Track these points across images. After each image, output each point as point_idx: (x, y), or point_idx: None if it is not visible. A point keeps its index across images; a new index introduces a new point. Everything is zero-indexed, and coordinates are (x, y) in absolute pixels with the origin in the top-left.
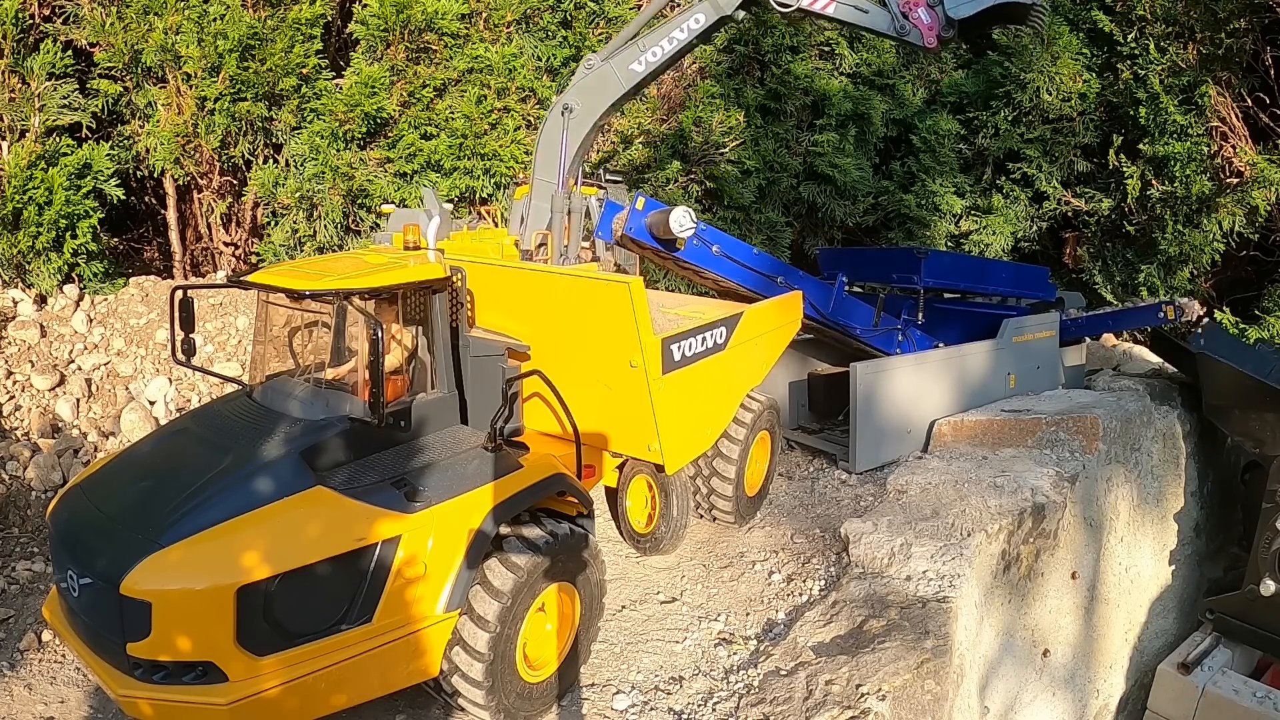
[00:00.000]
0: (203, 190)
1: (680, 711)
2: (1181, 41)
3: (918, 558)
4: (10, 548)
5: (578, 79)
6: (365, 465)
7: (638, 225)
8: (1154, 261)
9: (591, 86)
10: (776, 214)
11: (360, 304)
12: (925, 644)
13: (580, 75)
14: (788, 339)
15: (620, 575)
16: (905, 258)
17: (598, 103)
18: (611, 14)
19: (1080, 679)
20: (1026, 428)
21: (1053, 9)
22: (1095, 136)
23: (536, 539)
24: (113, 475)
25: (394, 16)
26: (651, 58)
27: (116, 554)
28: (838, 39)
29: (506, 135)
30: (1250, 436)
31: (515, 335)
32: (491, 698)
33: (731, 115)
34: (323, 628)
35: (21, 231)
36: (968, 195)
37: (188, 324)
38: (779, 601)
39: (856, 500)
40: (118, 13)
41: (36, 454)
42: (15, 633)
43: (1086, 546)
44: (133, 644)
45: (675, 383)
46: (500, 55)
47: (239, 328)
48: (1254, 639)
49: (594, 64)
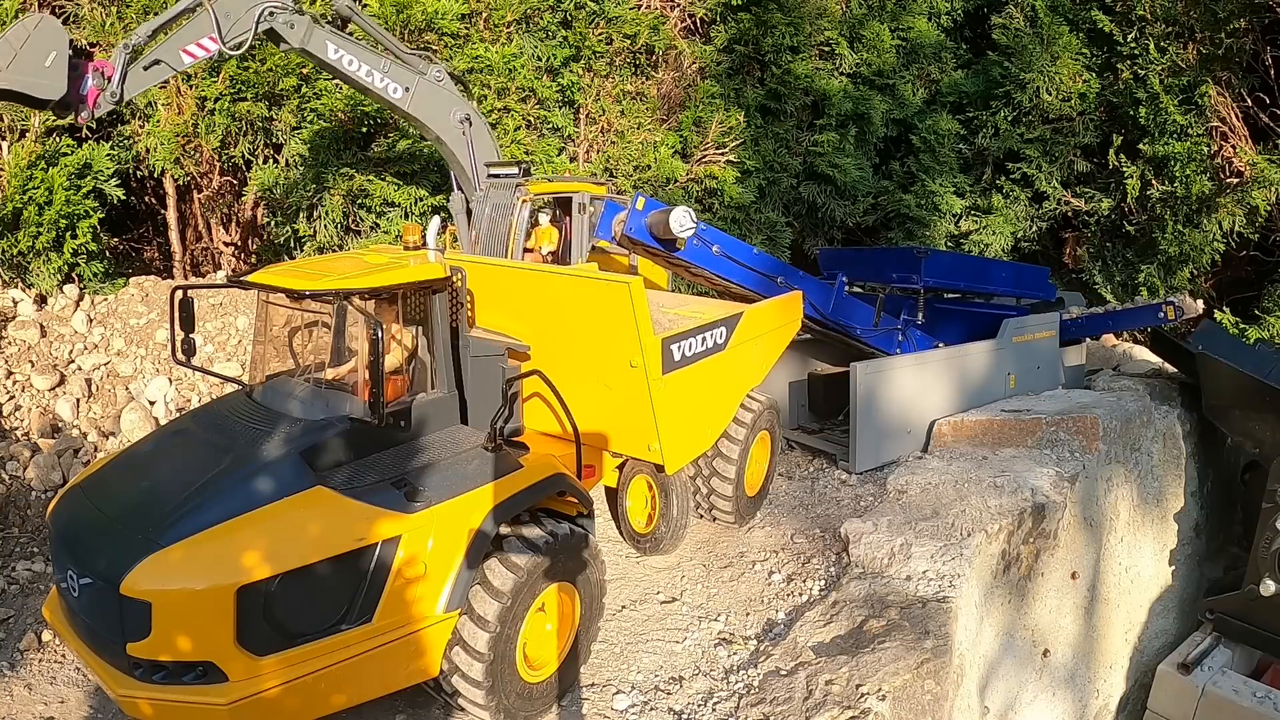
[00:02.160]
0: (203, 190)
1: (680, 711)
2: (1181, 41)
3: (918, 558)
4: (10, 548)
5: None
6: (365, 465)
7: (638, 225)
8: (1154, 261)
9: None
10: (776, 214)
11: (360, 304)
12: (925, 644)
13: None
14: (788, 339)
15: (620, 575)
16: (905, 257)
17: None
18: (611, 14)
19: (1080, 679)
20: (1026, 428)
21: (1052, 9)
22: (1095, 136)
23: (536, 539)
24: (113, 475)
25: (394, 16)
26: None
27: (116, 554)
28: (838, 39)
29: (506, 135)
30: (1250, 436)
31: (515, 335)
32: (491, 698)
33: (731, 115)
34: (323, 628)
35: (21, 231)
36: (968, 195)
37: (188, 324)
38: (779, 601)
39: (856, 500)
40: (118, 13)
41: (36, 454)
42: (15, 633)
43: (1086, 546)
44: (133, 644)
45: (675, 383)
46: (500, 55)
47: (239, 328)
48: (1254, 639)
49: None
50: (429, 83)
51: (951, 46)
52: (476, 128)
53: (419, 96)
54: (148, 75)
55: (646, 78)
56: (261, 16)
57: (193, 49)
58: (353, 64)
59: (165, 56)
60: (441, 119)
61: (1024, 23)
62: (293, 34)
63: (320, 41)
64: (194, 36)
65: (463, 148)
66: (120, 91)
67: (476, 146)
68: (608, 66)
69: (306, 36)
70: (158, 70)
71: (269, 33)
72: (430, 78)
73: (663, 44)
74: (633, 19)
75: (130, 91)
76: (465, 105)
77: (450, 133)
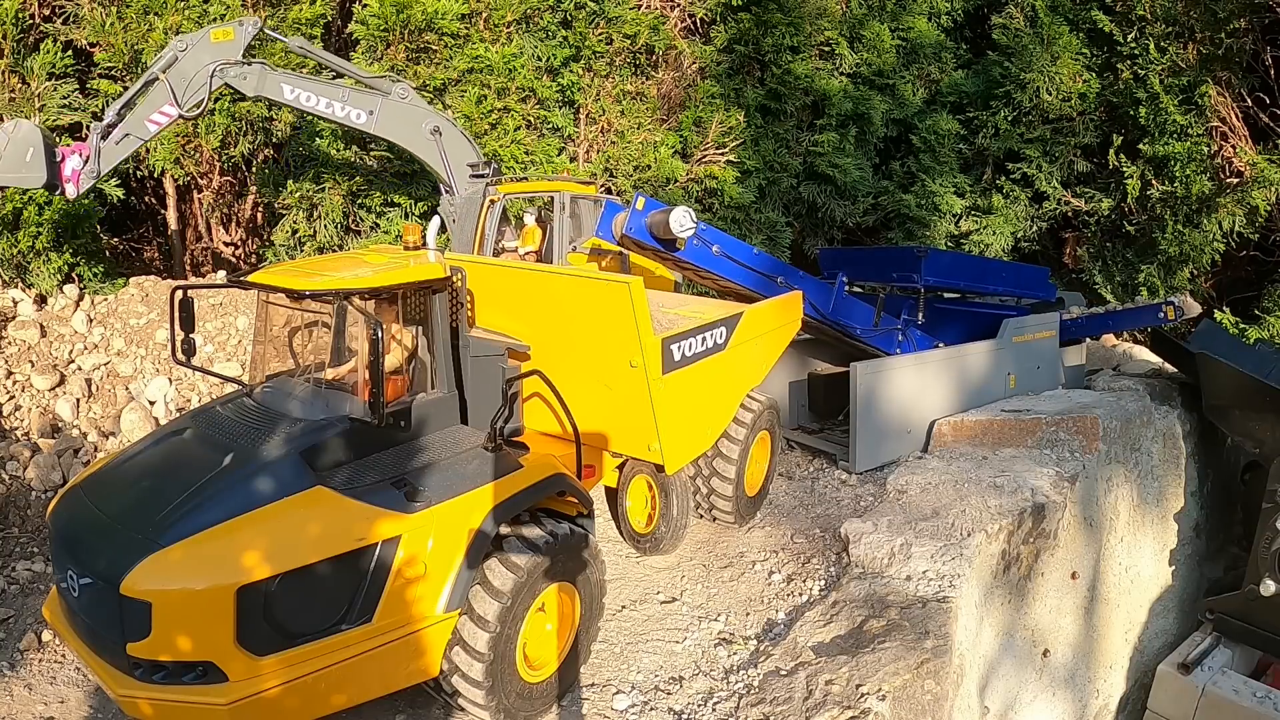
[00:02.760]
0: (203, 190)
1: (680, 711)
2: (1181, 41)
3: (918, 558)
4: (10, 548)
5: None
6: (365, 465)
7: (638, 225)
8: (1154, 261)
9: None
10: (776, 214)
11: (360, 304)
12: (925, 644)
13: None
14: (788, 339)
15: (620, 575)
16: (905, 257)
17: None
18: (611, 14)
19: (1080, 679)
20: (1026, 428)
21: (1052, 9)
22: (1095, 136)
23: (536, 539)
24: (112, 475)
25: (394, 16)
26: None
27: (116, 554)
28: (838, 39)
29: (506, 135)
30: (1250, 436)
31: (515, 335)
32: (491, 698)
33: (731, 115)
34: (323, 628)
35: (21, 231)
36: (968, 195)
37: (188, 324)
38: (779, 601)
39: (856, 500)
40: (118, 13)
41: (36, 454)
42: (15, 633)
43: (1086, 546)
44: (133, 644)
45: (675, 383)
46: (500, 55)
47: (239, 328)
48: (1254, 639)
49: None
50: (393, 103)
51: (951, 46)
52: (449, 135)
53: (384, 118)
54: (120, 149)
55: (646, 78)
56: (214, 75)
57: (156, 117)
58: (310, 100)
59: (132, 129)
60: (411, 135)
61: (1024, 23)
62: (246, 85)
63: (275, 86)
64: (155, 106)
65: (436, 158)
66: (98, 168)
67: (451, 153)
68: (608, 66)
69: (260, 84)
70: (128, 142)
71: (225, 86)
72: (394, 97)
73: (663, 44)
74: (633, 19)
75: (106, 166)
76: (434, 117)
77: (422, 146)
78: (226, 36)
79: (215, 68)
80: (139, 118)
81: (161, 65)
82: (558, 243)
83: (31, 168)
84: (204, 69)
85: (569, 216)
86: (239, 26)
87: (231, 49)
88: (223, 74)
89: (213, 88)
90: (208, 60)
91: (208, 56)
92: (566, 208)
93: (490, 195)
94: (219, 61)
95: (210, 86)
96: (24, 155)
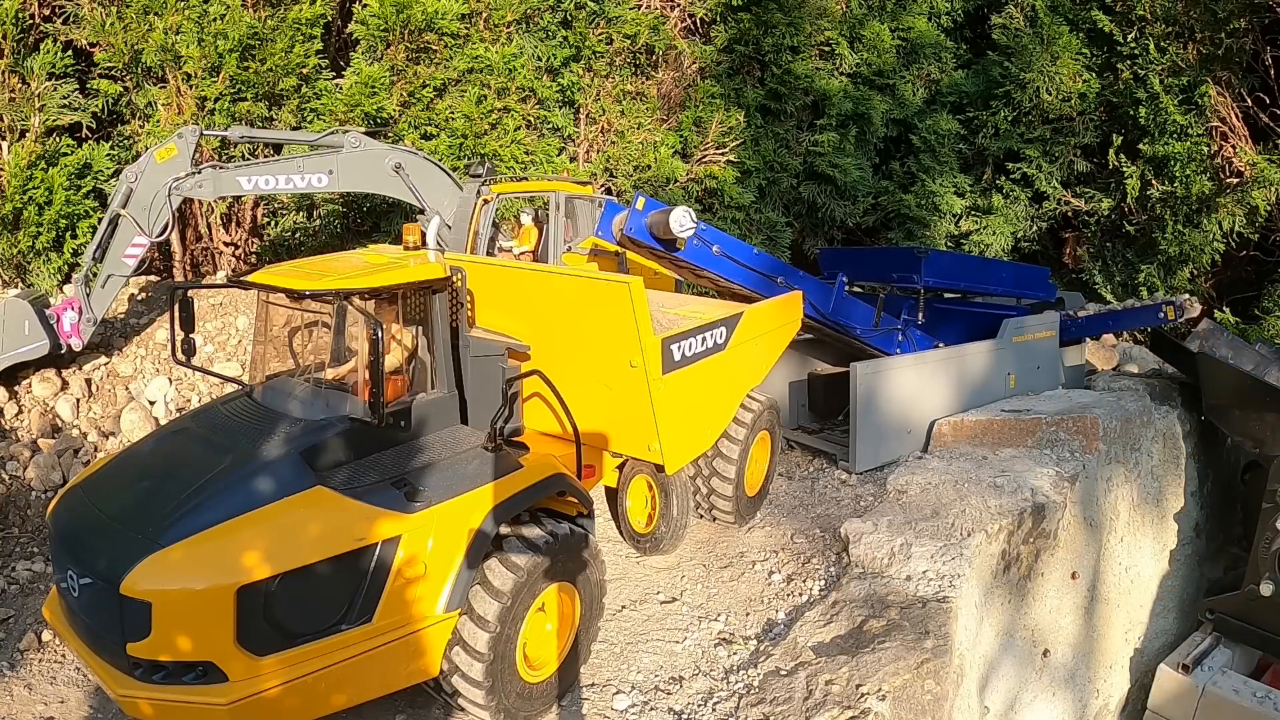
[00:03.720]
0: None
1: (680, 711)
2: (1181, 41)
3: (918, 558)
4: (10, 548)
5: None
6: (365, 465)
7: (638, 225)
8: (1154, 261)
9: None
10: (776, 214)
11: (360, 304)
12: (925, 644)
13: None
14: (788, 339)
15: (620, 575)
16: (905, 257)
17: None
18: (611, 14)
19: (1080, 679)
20: (1026, 428)
21: (1052, 9)
22: (1095, 136)
23: (536, 539)
24: (113, 475)
25: (394, 16)
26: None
27: (116, 554)
28: (838, 39)
29: (506, 135)
30: (1250, 436)
31: (515, 335)
32: (491, 698)
33: (731, 115)
34: (323, 628)
35: (21, 231)
36: (968, 195)
37: (188, 324)
38: (779, 601)
39: (856, 500)
40: (118, 13)
41: (36, 454)
42: (15, 633)
43: (1086, 546)
44: (133, 644)
45: (675, 383)
46: (500, 55)
47: (239, 328)
48: (1254, 639)
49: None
50: (349, 155)
51: (951, 46)
52: (413, 165)
53: (343, 173)
54: (107, 291)
55: (646, 78)
56: (171, 195)
57: (131, 252)
58: (268, 183)
59: (113, 270)
60: (375, 179)
61: (1024, 23)
62: (204, 191)
63: (231, 183)
64: (127, 241)
65: (404, 191)
66: (94, 315)
67: (419, 183)
68: (608, 66)
69: (217, 186)
70: (113, 283)
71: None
72: (348, 149)
73: (663, 44)
74: (633, 19)
75: (100, 311)
76: (394, 152)
77: (389, 185)
78: (171, 153)
79: (170, 187)
80: (115, 257)
81: (119, 201)
82: (553, 243)
83: (33, 337)
84: (160, 192)
85: (564, 216)
86: (179, 139)
87: (179, 164)
88: (179, 190)
89: (174, 206)
90: (160, 182)
91: (159, 178)
92: (561, 208)
93: (484, 194)
94: (171, 179)
95: (171, 206)
96: (22, 328)
